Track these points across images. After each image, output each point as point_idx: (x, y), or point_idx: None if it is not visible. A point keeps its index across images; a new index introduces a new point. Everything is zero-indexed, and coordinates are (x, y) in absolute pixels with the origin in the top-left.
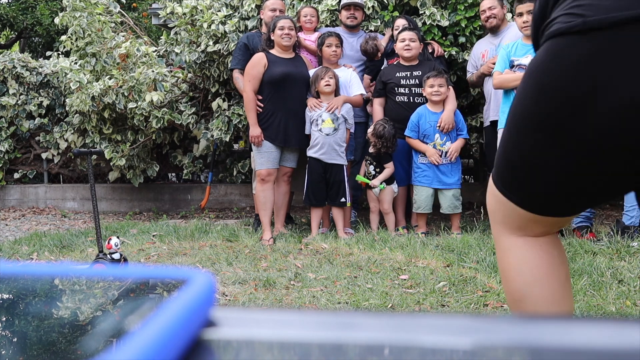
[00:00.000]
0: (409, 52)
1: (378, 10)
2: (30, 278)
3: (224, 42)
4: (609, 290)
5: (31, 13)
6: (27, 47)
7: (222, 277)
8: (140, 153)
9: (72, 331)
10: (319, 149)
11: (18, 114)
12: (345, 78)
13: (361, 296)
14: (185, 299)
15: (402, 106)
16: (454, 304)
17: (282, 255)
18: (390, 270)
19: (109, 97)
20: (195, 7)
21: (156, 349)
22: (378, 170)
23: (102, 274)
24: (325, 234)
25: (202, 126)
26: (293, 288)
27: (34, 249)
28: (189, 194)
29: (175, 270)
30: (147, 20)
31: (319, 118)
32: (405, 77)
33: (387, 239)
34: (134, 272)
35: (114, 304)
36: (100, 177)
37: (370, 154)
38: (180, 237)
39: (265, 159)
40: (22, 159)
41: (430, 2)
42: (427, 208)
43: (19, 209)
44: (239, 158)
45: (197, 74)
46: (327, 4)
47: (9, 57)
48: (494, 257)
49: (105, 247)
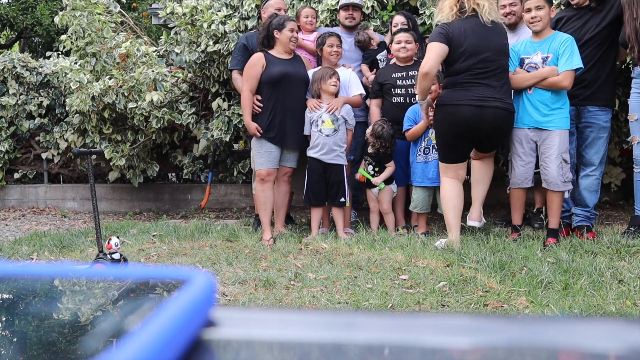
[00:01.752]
0: (405, 53)
1: (377, 10)
2: (30, 278)
3: (224, 42)
4: (609, 290)
5: (31, 13)
6: (27, 47)
7: (222, 277)
8: (140, 153)
9: (72, 331)
10: (319, 149)
11: (18, 114)
12: (345, 78)
13: (361, 296)
14: (185, 299)
15: (398, 107)
16: (454, 304)
17: (282, 255)
18: (390, 270)
19: (109, 97)
20: (195, 7)
21: (156, 349)
22: (378, 169)
23: (102, 274)
24: (325, 234)
25: (202, 126)
26: (293, 288)
27: (34, 249)
28: (189, 194)
29: (175, 270)
30: (147, 20)
31: (319, 119)
32: (401, 78)
33: (387, 239)
34: (134, 272)
35: (114, 304)
36: (100, 177)
37: (370, 154)
38: (180, 237)
39: (265, 159)
40: (22, 159)
41: (430, 2)
42: (424, 208)
43: (19, 209)
44: (239, 158)
45: (197, 74)
46: (326, 4)
47: (9, 57)
48: (494, 257)
49: (105, 247)
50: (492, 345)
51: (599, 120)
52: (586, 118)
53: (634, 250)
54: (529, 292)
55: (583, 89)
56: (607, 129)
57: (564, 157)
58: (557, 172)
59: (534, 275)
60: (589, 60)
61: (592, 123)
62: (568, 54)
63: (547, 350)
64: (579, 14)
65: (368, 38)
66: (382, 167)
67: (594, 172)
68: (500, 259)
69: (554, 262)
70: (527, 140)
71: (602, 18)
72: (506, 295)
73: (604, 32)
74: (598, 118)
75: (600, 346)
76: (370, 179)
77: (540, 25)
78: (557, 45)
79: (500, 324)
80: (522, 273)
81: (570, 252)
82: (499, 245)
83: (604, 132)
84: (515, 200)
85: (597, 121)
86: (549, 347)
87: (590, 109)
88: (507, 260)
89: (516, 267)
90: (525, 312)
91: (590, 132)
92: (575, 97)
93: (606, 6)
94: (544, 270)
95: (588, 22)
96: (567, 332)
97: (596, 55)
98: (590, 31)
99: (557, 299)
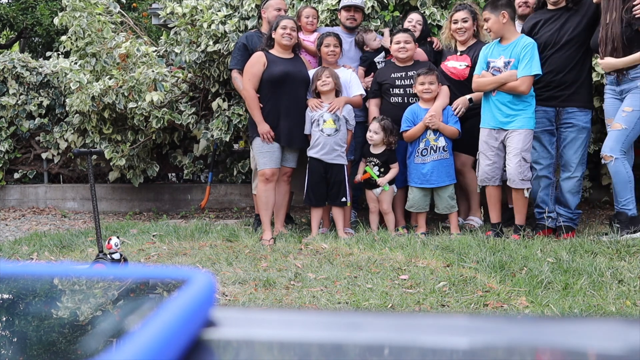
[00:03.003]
0: (404, 54)
1: (378, 10)
2: (30, 278)
3: (224, 42)
4: (609, 290)
5: (31, 13)
6: (27, 47)
7: (222, 277)
8: (140, 153)
9: (72, 331)
10: (320, 149)
11: (18, 114)
12: (345, 78)
13: (361, 296)
14: (185, 299)
15: (396, 106)
16: (454, 304)
17: (282, 255)
18: (390, 270)
19: (109, 97)
20: (195, 7)
21: (156, 349)
22: (383, 170)
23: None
24: (325, 234)
25: (202, 126)
26: (293, 288)
27: (34, 249)
28: (189, 194)
29: (175, 270)
30: (147, 20)
31: (320, 118)
32: (400, 78)
33: (387, 239)
34: (134, 272)
35: (114, 304)
36: (100, 177)
37: (376, 154)
38: (180, 237)
39: (268, 159)
40: (22, 159)
41: (430, 1)
42: (420, 207)
43: (19, 209)
44: (239, 158)
45: (197, 74)
46: (327, 4)
47: (9, 57)
48: (494, 257)
49: (105, 247)
50: (492, 345)
51: (579, 120)
52: (566, 119)
53: (634, 250)
54: (529, 292)
55: (563, 90)
56: (587, 130)
57: (524, 156)
58: (516, 170)
59: (534, 275)
60: (569, 62)
61: (572, 124)
62: (527, 60)
63: (547, 350)
64: (555, 16)
65: (362, 41)
66: (387, 168)
67: (575, 174)
68: (500, 259)
69: (554, 262)
70: (492, 140)
71: (579, 19)
72: (506, 295)
73: (582, 34)
74: (578, 119)
75: (600, 346)
76: (377, 178)
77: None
78: (519, 50)
79: (500, 324)
80: (522, 273)
81: (570, 252)
82: (499, 245)
83: (583, 132)
84: (488, 198)
85: (576, 122)
86: (549, 347)
87: (570, 110)
88: (507, 260)
89: (516, 267)
90: (525, 312)
91: (570, 133)
92: (555, 99)
93: (582, 7)
94: (544, 270)
95: (566, 23)
96: (567, 332)
97: (575, 56)
98: (569, 33)
99: (557, 299)
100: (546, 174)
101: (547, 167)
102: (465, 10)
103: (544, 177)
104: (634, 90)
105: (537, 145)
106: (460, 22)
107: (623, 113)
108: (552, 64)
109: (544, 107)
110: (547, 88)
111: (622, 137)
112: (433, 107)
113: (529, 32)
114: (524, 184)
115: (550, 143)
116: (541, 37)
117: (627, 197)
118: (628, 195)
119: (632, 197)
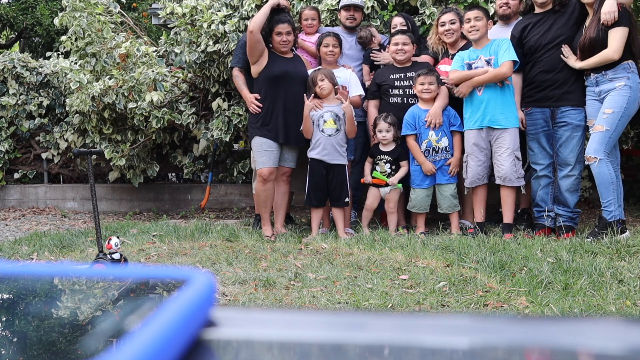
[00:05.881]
0: (402, 56)
1: (378, 10)
2: (30, 278)
3: (224, 42)
4: (609, 290)
5: (31, 13)
6: (27, 47)
7: (222, 277)
8: (140, 153)
9: (72, 331)
10: (321, 149)
11: (18, 114)
12: (345, 79)
13: (361, 296)
14: (185, 299)
15: (396, 107)
16: (454, 304)
17: (282, 255)
18: (390, 270)
19: (109, 97)
20: (195, 7)
21: (156, 349)
22: (394, 167)
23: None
24: (325, 234)
25: (202, 126)
26: (293, 288)
27: (34, 249)
28: (189, 194)
29: (175, 270)
30: (147, 20)
31: (321, 118)
32: (399, 79)
33: (387, 239)
34: (134, 272)
35: (114, 304)
36: (100, 177)
37: (387, 152)
38: (180, 237)
39: (266, 158)
40: (22, 159)
41: (430, 1)
42: (422, 208)
43: (19, 209)
44: (239, 158)
45: (197, 74)
46: (327, 4)
47: (9, 57)
48: (494, 257)
49: (105, 247)
50: (492, 345)
51: (573, 119)
52: (560, 118)
53: (634, 250)
54: (529, 292)
55: (555, 90)
56: (581, 128)
57: (516, 154)
58: (511, 169)
59: (534, 275)
60: (559, 62)
61: (566, 122)
62: (505, 49)
63: (547, 350)
64: (544, 18)
65: (370, 35)
66: (398, 165)
67: (573, 172)
68: (500, 259)
69: (553, 262)
70: (481, 140)
71: (566, 19)
72: (506, 295)
73: (572, 34)
74: (571, 117)
75: (600, 346)
76: (387, 180)
77: (477, 34)
78: (496, 47)
79: (500, 324)
80: (522, 273)
81: (570, 252)
82: (499, 245)
83: (578, 130)
84: (477, 197)
85: (570, 120)
86: (549, 347)
87: (564, 109)
88: (507, 260)
89: (516, 267)
90: (525, 312)
91: (565, 132)
92: (548, 99)
93: (568, 8)
94: (544, 270)
95: (554, 24)
96: (567, 332)
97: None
98: (558, 34)
99: (557, 299)
100: (546, 173)
101: (547, 167)
102: (452, 12)
103: (544, 177)
104: (613, 92)
105: (535, 146)
106: (447, 24)
107: (604, 115)
108: (543, 64)
109: (540, 108)
110: (540, 88)
111: (604, 138)
112: (433, 108)
113: (519, 35)
114: (520, 181)
115: (548, 143)
116: (531, 40)
117: (609, 199)
118: (610, 196)
119: (614, 199)
